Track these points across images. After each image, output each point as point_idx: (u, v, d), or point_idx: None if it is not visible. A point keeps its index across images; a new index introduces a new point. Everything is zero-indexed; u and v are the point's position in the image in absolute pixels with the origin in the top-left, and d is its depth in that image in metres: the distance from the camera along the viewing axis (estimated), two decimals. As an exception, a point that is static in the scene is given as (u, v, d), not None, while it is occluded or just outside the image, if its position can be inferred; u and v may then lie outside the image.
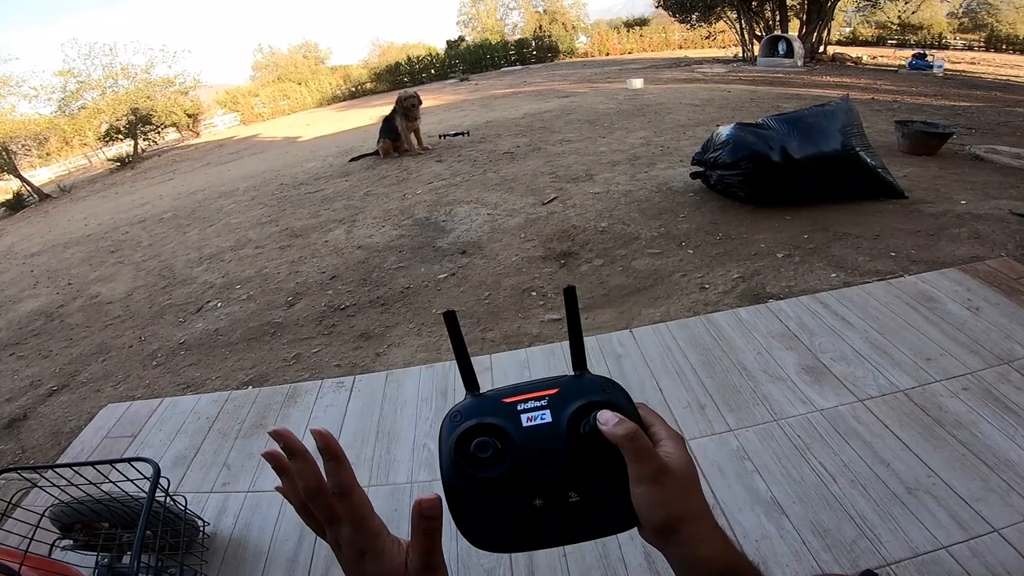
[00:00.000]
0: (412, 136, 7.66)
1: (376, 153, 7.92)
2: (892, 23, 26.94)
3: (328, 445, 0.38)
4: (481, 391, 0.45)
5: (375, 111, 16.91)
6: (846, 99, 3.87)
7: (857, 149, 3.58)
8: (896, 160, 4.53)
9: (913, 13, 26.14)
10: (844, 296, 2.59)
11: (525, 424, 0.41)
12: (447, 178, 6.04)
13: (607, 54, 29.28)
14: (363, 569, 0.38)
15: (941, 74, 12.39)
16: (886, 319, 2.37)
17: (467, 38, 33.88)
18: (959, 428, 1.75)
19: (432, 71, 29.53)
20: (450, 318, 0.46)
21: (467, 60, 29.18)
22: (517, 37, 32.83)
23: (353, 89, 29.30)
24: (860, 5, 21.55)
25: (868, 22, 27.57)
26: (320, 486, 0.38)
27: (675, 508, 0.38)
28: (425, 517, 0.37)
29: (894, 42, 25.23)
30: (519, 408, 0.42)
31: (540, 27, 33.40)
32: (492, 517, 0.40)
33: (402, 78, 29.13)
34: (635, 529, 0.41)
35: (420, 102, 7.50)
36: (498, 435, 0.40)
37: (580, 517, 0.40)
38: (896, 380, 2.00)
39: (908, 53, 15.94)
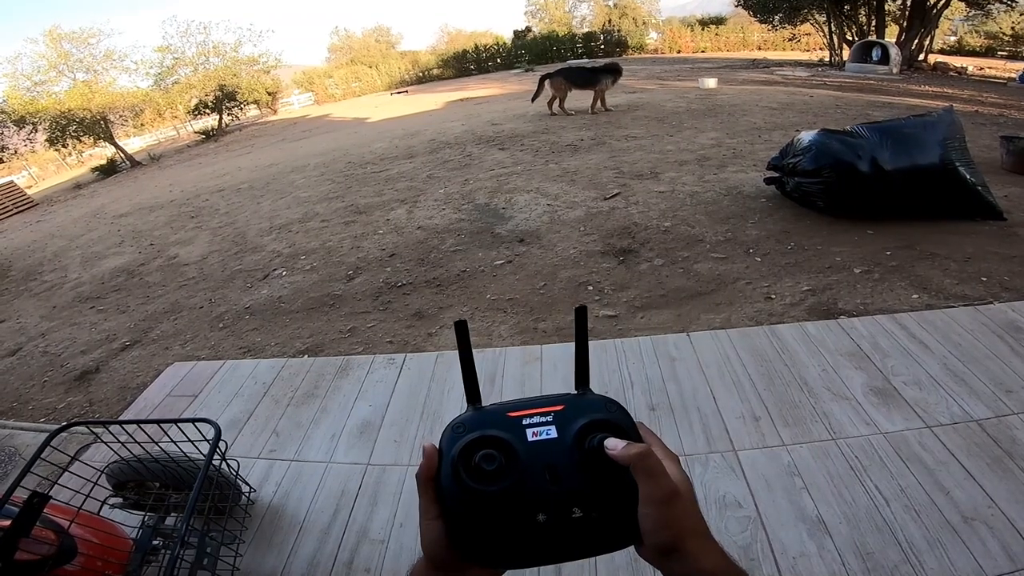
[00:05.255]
0: (603, 95, 8.99)
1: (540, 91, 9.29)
2: (1004, 34, 24.56)
3: None
4: (483, 405, 0.45)
5: (441, 96, 17.19)
6: (950, 110, 3.56)
7: (957, 164, 3.29)
8: (998, 178, 4.13)
9: (1029, 23, 23.70)
10: (925, 319, 2.41)
11: (531, 439, 0.41)
12: (509, 166, 6.05)
13: (678, 52, 28.29)
14: None
15: (1057, 89, 11.20)
16: (968, 346, 2.19)
17: (534, 29, 33.71)
18: (1034, 464, 1.61)
19: (498, 60, 29.64)
20: (461, 328, 0.46)
21: (533, 51, 29.08)
22: (585, 30, 32.35)
23: (421, 74, 29.87)
24: (969, 13, 19.68)
25: (977, 31, 25.28)
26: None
27: (681, 526, 0.38)
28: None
29: (1005, 54, 23.02)
30: (524, 423, 0.42)
31: (609, 21, 32.62)
32: (492, 531, 0.39)
33: (468, 66, 29.42)
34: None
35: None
36: (503, 448, 0.40)
37: (582, 533, 0.39)
38: (971, 409, 1.87)
39: (1020, 65, 14.51)
